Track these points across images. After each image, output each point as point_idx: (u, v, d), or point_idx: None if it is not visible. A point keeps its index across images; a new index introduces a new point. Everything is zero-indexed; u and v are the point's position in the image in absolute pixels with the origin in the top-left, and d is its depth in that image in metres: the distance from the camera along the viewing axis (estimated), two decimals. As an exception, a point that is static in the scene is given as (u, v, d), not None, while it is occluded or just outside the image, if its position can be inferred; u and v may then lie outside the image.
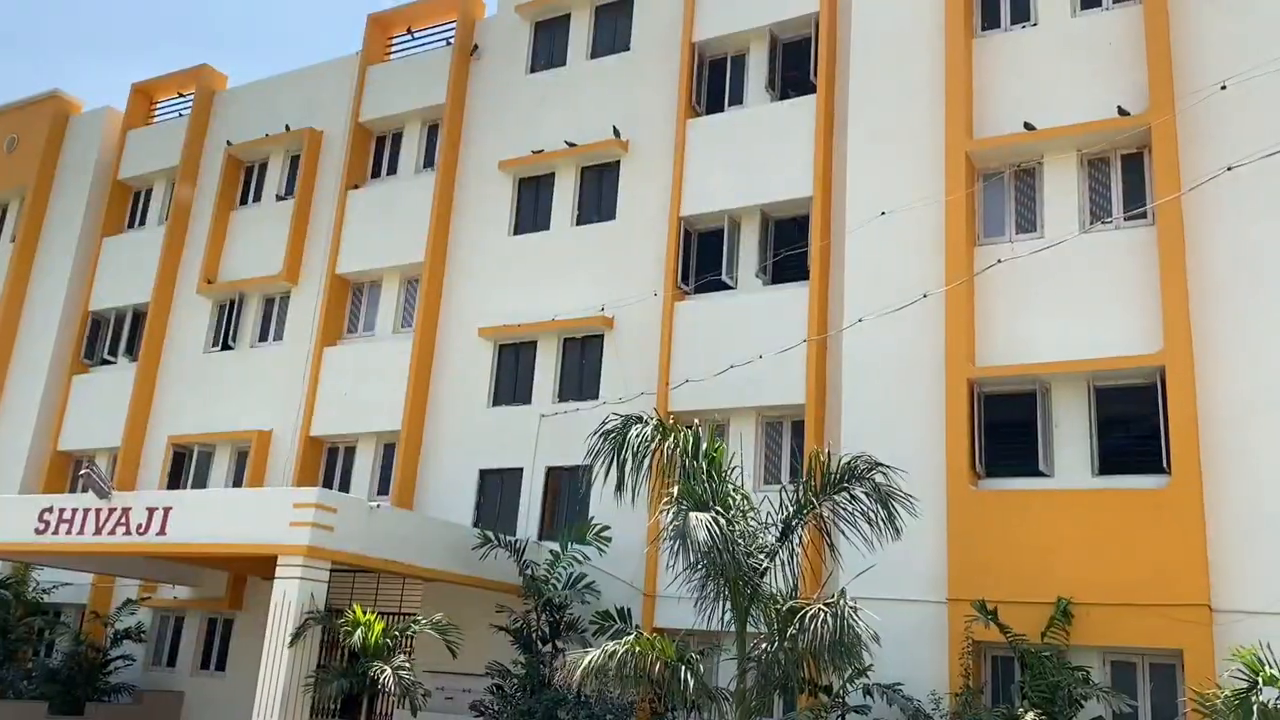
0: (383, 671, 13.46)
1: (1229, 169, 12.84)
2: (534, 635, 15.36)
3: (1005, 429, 14.13)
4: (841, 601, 10.46)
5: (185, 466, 22.00)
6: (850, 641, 10.25)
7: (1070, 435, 13.81)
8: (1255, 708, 10.02)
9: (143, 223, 25.27)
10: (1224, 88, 13.39)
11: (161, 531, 14.72)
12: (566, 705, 14.04)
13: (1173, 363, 12.99)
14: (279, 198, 22.98)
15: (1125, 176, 14.47)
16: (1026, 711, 11.53)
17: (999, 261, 14.30)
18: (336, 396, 20.33)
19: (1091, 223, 14.36)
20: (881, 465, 11.46)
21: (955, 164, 14.99)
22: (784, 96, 17.66)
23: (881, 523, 11.28)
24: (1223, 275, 13.17)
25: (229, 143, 23.82)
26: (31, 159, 26.29)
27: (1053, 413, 13.97)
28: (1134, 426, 13.48)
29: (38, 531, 15.87)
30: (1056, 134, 14.57)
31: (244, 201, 23.77)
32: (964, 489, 13.72)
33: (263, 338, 22.34)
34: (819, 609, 10.37)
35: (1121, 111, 14.23)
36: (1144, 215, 13.99)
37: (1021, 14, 15.70)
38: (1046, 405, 14.00)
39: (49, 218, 25.94)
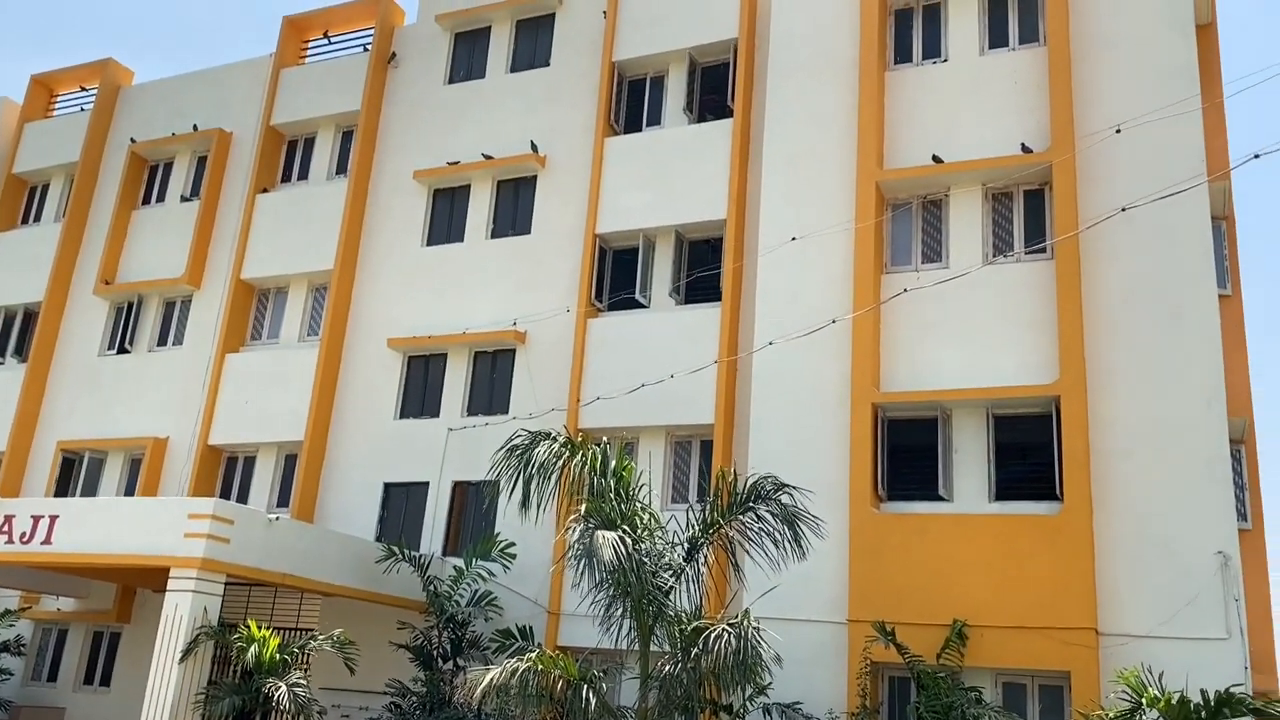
0: (277, 689, 13.09)
1: (1123, 209, 13.38)
2: (435, 652, 15.13)
3: (908, 453, 14.47)
4: (745, 622, 10.55)
5: (75, 473, 21.15)
6: (752, 661, 10.33)
7: (969, 461, 14.18)
8: (1137, 728, 10.39)
9: (38, 219, 24.31)
10: (1119, 131, 13.98)
11: (47, 540, 14.11)
12: (466, 724, 13.85)
13: (1067, 393, 13.46)
14: (184, 199, 22.36)
15: (1027, 211, 14.98)
16: (921, 731, 11.75)
17: (905, 290, 14.66)
18: (238, 404, 19.79)
19: (994, 255, 14.82)
20: (788, 486, 11.63)
21: (866, 193, 15.33)
22: (702, 119, 17.87)
23: (787, 543, 11.43)
24: (1116, 309, 13.71)
25: (133, 140, 23.11)
26: (-81, 148, 25.09)
27: (953, 439, 14.34)
28: (1030, 454, 13.92)
29: (-90, 539, 15.05)
30: (963, 168, 15.02)
31: (147, 201, 23.06)
32: (866, 511, 13.99)
33: (162, 342, 21.66)
34: (723, 629, 10.43)
35: (1025, 149, 14.74)
36: (1044, 250, 14.49)
37: (933, 50, 16.18)
38: (947, 431, 14.36)
39: (-63, 210, 24.77)
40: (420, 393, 18.65)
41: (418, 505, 17.79)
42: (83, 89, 25.02)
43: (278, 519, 14.67)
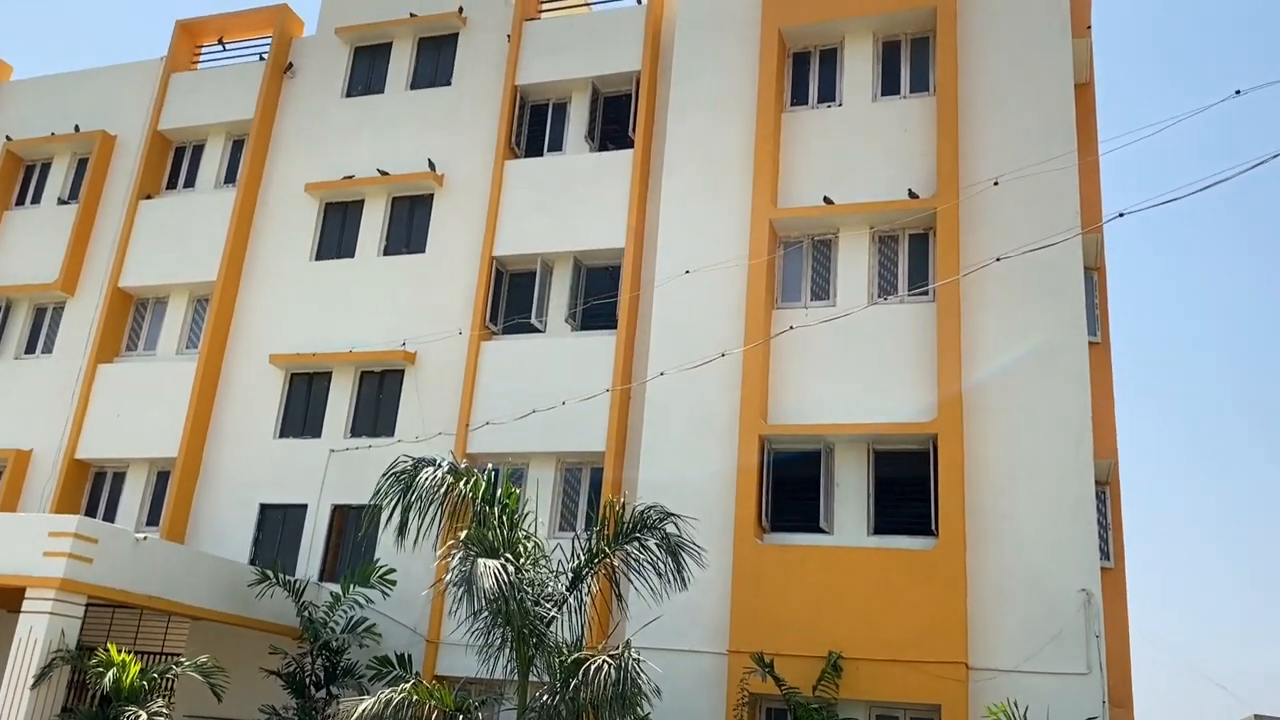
0: (137, 716, 12.50)
1: (998, 259, 13.90)
2: (308, 680, 14.68)
3: (792, 485, 14.70)
4: (626, 653, 10.51)
5: (-75, 485, 19.91)
6: (632, 693, 10.30)
7: (850, 494, 14.48)
8: (1001, 760, 10.70)
9: (-103, 214, 22.95)
10: (996, 183, 14.55)
11: (-112, 557, 13.23)
12: (339, 755, 13.43)
13: (944, 431, 13.87)
14: (61, 201, 21.43)
15: (912, 254, 15.44)
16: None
17: (792, 327, 14.94)
18: (109, 417, 18.97)
19: (879, 295, 15.23)
20: (673, 515, 11.66)
21: (759, 230, 15.61)
22: (603, 148, 17.97)
23: (670, 573, 11.45)
24: (992, 352, 14.21)
25: (9, 138, 22.09)
26: None
27: (835, 472, 14.63)
28: (908, 490, 14.26)
29: None
30: (852, 210, 15.43)
31: (21, 202, 22.02)
32: (750, 542, 14.14)
33: (30, 349, 20.64)
34: (603, 660, 10.37)
35: (911, 194, 15.23)
36: (926, 293, 14.95)
37: (828, 94, 16.61)
38: (830, 465, 14.65)
39: None
40: (302, 412, 18.17)
41: (295, 528, 17.29)
42: (-46, 81, 23.79)
43: (146, 539, 14.05)
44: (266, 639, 15.25)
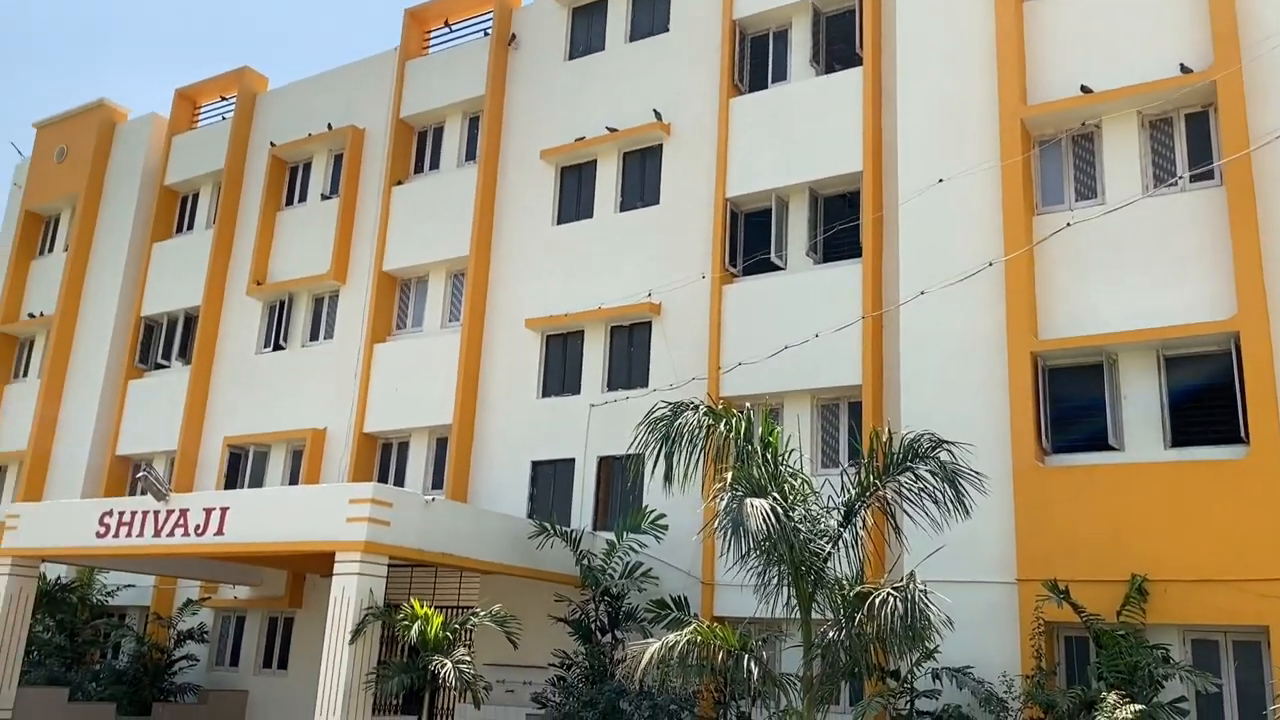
0: (443, 666, 13.36)
1: (1301, 123, 12.26)
2: (593, 625, 15.21)
3: (1072, 403, 13.71)
4: (911, 585, 10.13)
5: (241, 467, 22.14)
6: (921, 625, 9.92)
7: (1140, 407, 13.34)
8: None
9: (190, 227, 25.47)
10: (1292, 37, 12.81)
11: (219, 531, 14.77)
12: (629, 696, 13.85)
13: (1247, 328, 12.46)
14: (324, 197, 23.02)
15: (1190, 136, 13.91)
16: (1106, 692, 11.12)
17: (1068, 225, 13.79)
18: (388, 393, 20.32)
19: (1155, 185, 13.83)
20: (946, 443, 11.10)
21: (1010, 132, 14.52)
22: (829, 70, 17.27)
23: (949, 502, 10.91)
24: (1297, 234, 12.60)
25: (272, 144, 23.91)
26: (81, 168, 26.63)
27: (1121, 385, 13.50)
28: (1208, 396, 12.97)
29: (99, 535, 16.01)
30: (1116, 96, 14.04)
31: (289, 202, 23.84)
32: (1030, 466, 13.31)
33: (313, 337, 22.41)
34: (888, 593, 10.04)
35: (1184, 69, 13.67)
36: (1211, 175, 13.44)
37: (1074, -27, 15.14)
38: (1114, 377, 13.54)
39: (100, 225, 26.26)
40: (560, 371, 18.74)
41: (565, 481, 17.91)
42: (222, 98, 26.02)
43: (434, 500, 14.95)
44: (551, 589, 15.91)
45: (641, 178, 18.87)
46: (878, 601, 10.00)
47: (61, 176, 27.12)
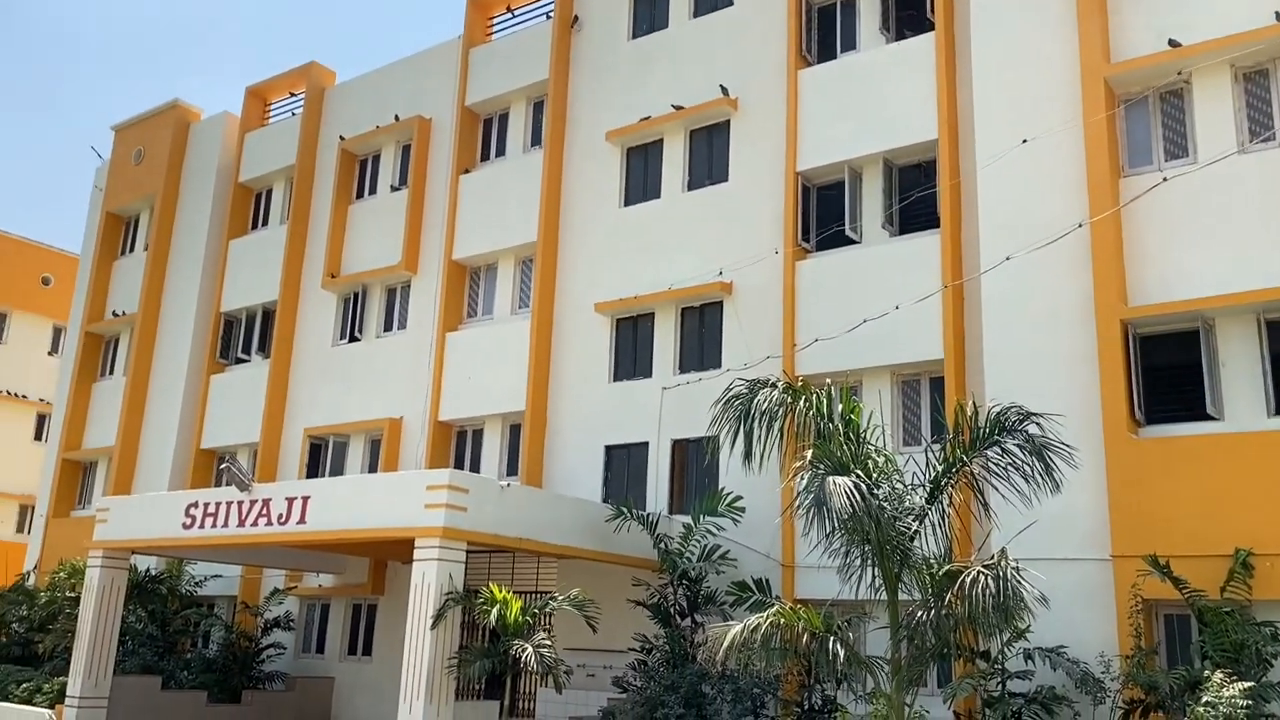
0: (524, 650, 13.34)
1: None
2: (672, 609, 15.06)
3: (1166, 372, 13.16)
4: (1003, 562, 9.77)
5: (321, 457, 22.45)
6: (1014, 605, 9.56)
7: (1240, 374, 12.73)
8: None
9: (265, 223, 25.85)
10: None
11: (302, 520, 14.94)
12: (710, 680, 13.68)
13: (1357, 287, 11.79)
14: (393, 188, 23.16)
15: (1289, 87, 13.20)
16: (1211, 672, 10.63)
17: (1164, 180, 13.20)
18: (461, 381, 20.38)
19: (1251, 141, 13.15)
20: (1035, 415, 10.69)
21: (1092, 91, 13.93)
22: (900, 38, 16.78)
23: (1040, 476, 10.51)
24: None
25: (341, 137, 24.12)
26: (157, 169, 27.22)
27: (1218, 351, 12.90)
28: (1314, 360, 12.32)
29: (185, 526, 16.33)
30: (1207, 49, 13.36)
31: (360, 195, 24.04)
32: (1123, 438, 12.78)
33: (387, 327, 22.59)
34: (978, 572, 9.70)
35: (1280, 16, 12.97)
36: (1312, 128, 12.74)
37: (1158, -78, 14.46)
38: (1211, 343, 12.93)
39: (177, 225, 26.82)
40: (631, 354, 18.60)
41: (639, 465, 17.78)
42: (291, 94, 26.34)
43: (510, 485, 14.93)
44: (628, 573, 15.81)
45: (709, 155, 18.58)
46: (968, 580, 9.67)
47: (139, 178, 27.75)
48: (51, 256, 38.48)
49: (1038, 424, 10.71)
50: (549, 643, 13.83)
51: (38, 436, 36.81)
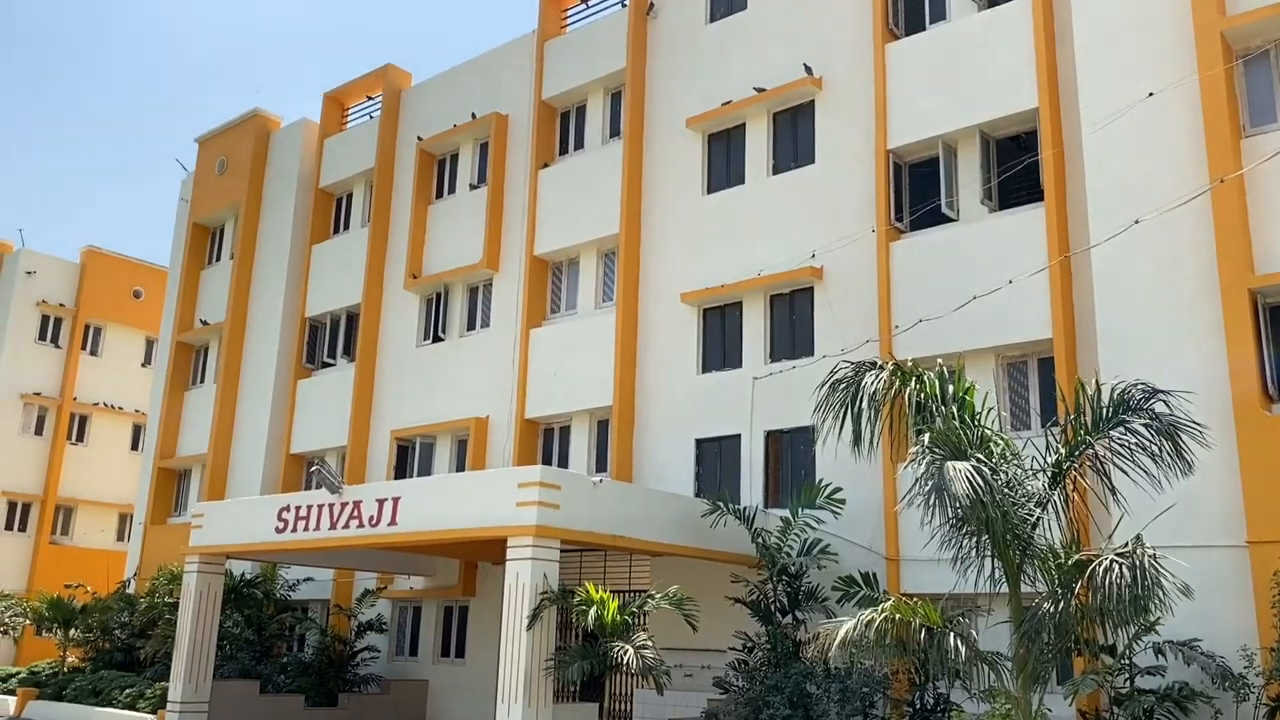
0: (625, 651, 12.96)
1: None
2: (772, 606, 14.55)
3: (1300, 343, 12.25)
4: (1139, 550, 9.08)
5: (409, 458, 22.41)
6: (1150, 596, 8.86)
7: (1385, 343, 11.79)
8: None
9: (346, 227, 25.96)
10: None
11: (393, 521, 14.78)
12: (815, 679, 13.14)
13: None
14: (472, 186, 23.02)
15: None
16: (1372, 666, 9.80)
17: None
18: (546, 377, 20.13)
19: (1389, 92, 12.19)
20: (1162, 392, 9.95)
21: (1208, 47, 13.07)
22: (993, 3, 16.03)
23: (1168, 457, 9.76)
24: None
25: (419, 138, 24.06)
26: (240, 178, 27.55)
27: (1360, 319, 11.98)
28: None
29: (278, 530, 16.32)
30: (1334, -6, 12.45)
31: (439, 194, 23.96)
32: (1256, 416, 11.93)
33: (470, 326, 22.46)
34: (1112, 560, 9.03)
35: None
36: None
37: None
38: (1350, 311, 12.02)
39: (261, 232, 27.11)
40: (720, 344, 18.13)
41: (732, 458, 17.31)
42: (369, 98, 26.42)
43: (601, 481, 14.58)
44: (725, 569, 15.34)
45: (794, 137, 18.02)
46: (1100, 570, 9.00)
47: (223, 188, 28.13)
48: (142, 270, 39.38)
49: (1165, 402, 9.97)
50: (650, 643, 13.43)
51: (134, 446, 37.68)
